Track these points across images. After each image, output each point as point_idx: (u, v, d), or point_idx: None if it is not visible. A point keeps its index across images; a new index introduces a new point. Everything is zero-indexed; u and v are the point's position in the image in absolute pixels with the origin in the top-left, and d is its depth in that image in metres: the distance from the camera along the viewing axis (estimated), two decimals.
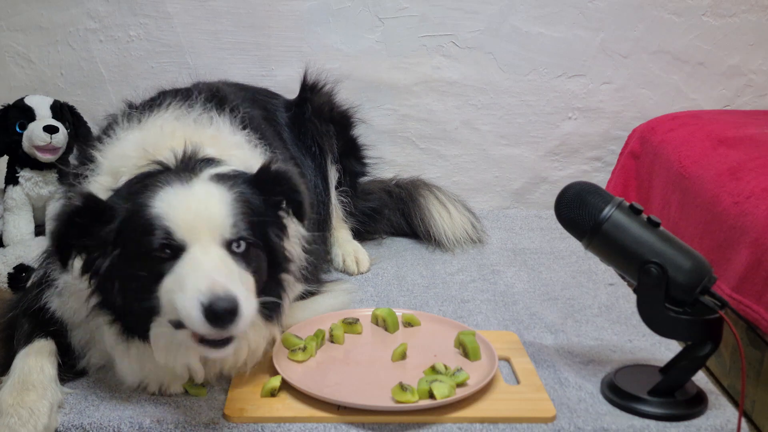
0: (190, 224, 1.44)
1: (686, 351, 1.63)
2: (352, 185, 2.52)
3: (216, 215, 1.47)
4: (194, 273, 1.40)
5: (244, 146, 1.82)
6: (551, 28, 3.05)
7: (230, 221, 1.47)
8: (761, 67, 3.14)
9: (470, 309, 2.12)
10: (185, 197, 1.48)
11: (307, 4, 2.98)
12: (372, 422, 1.55)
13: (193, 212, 1.45)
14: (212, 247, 1.45)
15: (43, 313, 1.74)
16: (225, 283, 1.38)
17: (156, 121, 1.79)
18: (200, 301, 1.36)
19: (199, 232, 1.45)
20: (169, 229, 1.44)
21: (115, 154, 1.69)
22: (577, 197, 1.65)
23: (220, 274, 1.41)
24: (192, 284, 1.39)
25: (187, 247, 1.44)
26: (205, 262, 1.42)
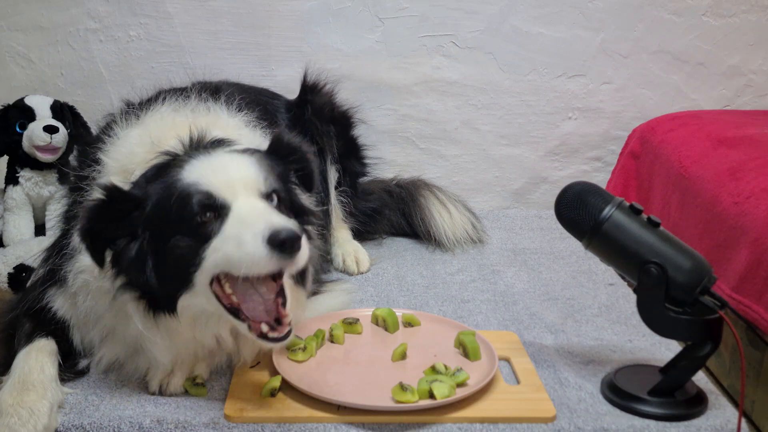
0: (227, 183, 1.48)
1: (686, 351, 1.63)
2: (352, 185, 2.52)
3: (249, 172, 1.52)
4: (247, 220, 1.45)
5: (244, 128, 1.85)
6: (551, 28, 3.05)
7: (262, 176, 1.52)
8: (761, 67, 3.14)
9: (470, 309, 2.12)
10: (215, 163, 1.52)
11: (307, 4, 2.98)
12: (372, 422, 1.55)
13: (227, 173, 1.50)
14: (252, 200, 1.49)
15: (44, 313, 1.74)
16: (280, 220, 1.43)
17: (154, 115, 1.80)
18: (263, 236, 1.40)
19: (237, 189, 1.48)
20: (209, 192, 1.47)
21: (121, 153, 1.70)
22: (577, 197, 1.66)
23: (271, 214, 1.46)
24: (249, 228, 1.42)
25: (230, 204, 1.48)
26: (254, 209, 1.47)
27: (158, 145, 1.64)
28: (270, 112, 2.39)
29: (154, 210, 1.51)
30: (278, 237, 1.39)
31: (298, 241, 1.40)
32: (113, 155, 1.71)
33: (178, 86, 2.10)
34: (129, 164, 1.66)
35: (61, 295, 1.75)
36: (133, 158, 1.66)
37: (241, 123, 1.87)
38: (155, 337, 1.59)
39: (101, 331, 1.70)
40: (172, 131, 1.69)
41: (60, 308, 1.75)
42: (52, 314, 1.75)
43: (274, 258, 1.40)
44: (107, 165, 1.70)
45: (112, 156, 1.71)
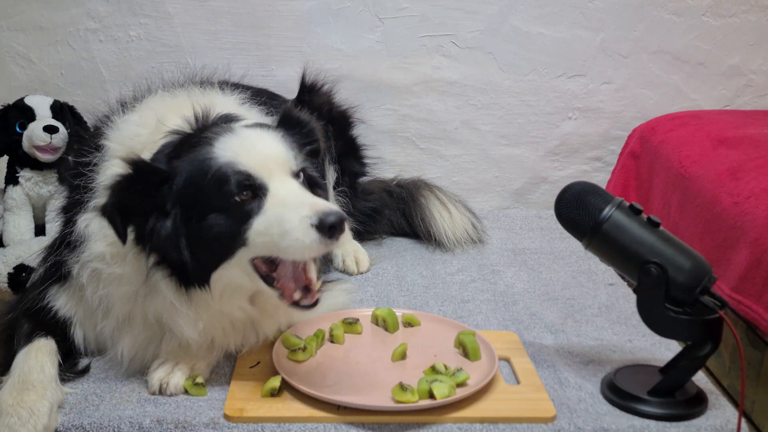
0: (262, 163, 1.50)
1: (686, 351, 1.63)
2: (351, 185, 2.52)
3: (280, 152, 1.54)
4: (290, 204, 1.48)
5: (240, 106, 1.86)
6: (551, 28, 3.05)
7: (291, 154, 1.55)
8: (761, 67, 3.14)
9: (470, 309, 2.12)
10: (246, 141, 1.52)
11: (307, 4, 2.98)
12: (372, 422, 1.55)
13: (261, 152, 1.51)
14: (288, 180, 1.52)
15: (44, 313, 1.74)
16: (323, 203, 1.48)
17: (151, 100, 1.82)
18: (311, 223, 1.44)
19: (272, 169, 1.51)
20: (247, 172, 1.49)
21: (124, 136, 1.70)
22: (577, 197, 1.66)
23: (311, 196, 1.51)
24: (295, 212, 1.46)
25: (267, 185, 1.50)
26: (293, 191, 1.50)
27: (162, 125, 1.64)
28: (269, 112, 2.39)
29: (186, 187, 1.51)
30: (327, 222, 1.43)
31: (342, 222, 1.44)
32: (115, 139, 1.71)
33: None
34: (134, 146, 1.65)
35: (64, 292, 1.75)
36: (138, 139, 1.67)
37: (236, 102, 1.88)
38: (185, 310, 1.60)
39: (115, 320, 1.70)
40: (172, 112, 1.69)
41: (62, 307, 1.75)
42: (53, 314, 1.75)
43: (323, 243, 1.45)
44: (110, 149, 1.70)
45: (115, 140, 1.71)
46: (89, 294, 1.68)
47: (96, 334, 1.76)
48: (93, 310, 1.72)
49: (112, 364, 1.76)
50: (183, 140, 1.59)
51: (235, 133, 1.56)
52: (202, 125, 1.63)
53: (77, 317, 1.75)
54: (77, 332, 1.76)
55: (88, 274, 1.67)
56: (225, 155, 1.51)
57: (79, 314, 1.75)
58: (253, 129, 1.60)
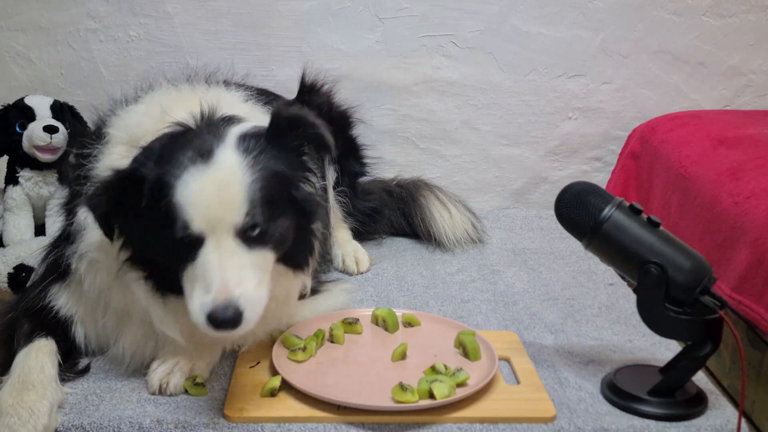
0: (205, 218, 1.47)
1: (686, 351, 1.63)
2: (351, 185, 2.52)
3: (231, 206, 1.48)
4: (202, 277, 1.46)
5: (244, 103, 1.85)
6: (551, 28, 3.05)
7: (245, 209, 1.49)
8: (761, 67, 3.14)
9: (470, 309, 2.12)
10: (204, 185, 1.48)
11: (307, 4, 2.98)
12: (372, 422, 1.55)
13: (208, 205, 1.47)
14: (225, 240, 1.48)
15: (45, 313, 1.74)
16: (229, 291, 1.43)
17: (155, 95, 1.81)
18: (203, 311, 1.43)
19: (215, 225, 1.47)
20: (187, 224, 1.47)
21: (128, 125, 1.70)
22: (577, 197, 1.65)
23: (228, 278, 1.45)
24: (198, 290, 1.46)
25: (205, 239, 1.48)
26: (214, 265, 1.46)
27: (167, 115, 1.64)
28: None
29: (148, 200, 1.51)
30: (215, 317, 1.42)
31: (234, 323, 1.43)
32: (119, 127, 1.71)
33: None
34: (137, 134, 1.65)
35: (64, 290, 1.75)
36: (142, 128, 1.66)
37: (240, 98, 1.87)
38: (160, 314, 1.62)
39: (115, 315, 1.71)
40: (178, 104, 1.69)
41: (63, 306, 1.75)
42: (54, 314, 1.75)
43: (211, 330, 1.45)
44: (113, 136, 1.70)
45: (118, 128, 1.71)
46: (87, 286, 1.69)
47: (97, 332, 1.76)
48: (94, 306, 1.72)
49: (112, 363, 1.76)
50: (179, 135, 1.58)
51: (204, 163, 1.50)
52: (207, 122, 1.62)
53: (78, 315, 1.75)
54: (78, 331, 1.76)
55: (85, 265, 1.67)
56: (180, 192, 1.47)
57: (80, 312, 1.75)
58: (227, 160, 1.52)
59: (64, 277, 1.75)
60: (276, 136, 1.59)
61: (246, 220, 1.49)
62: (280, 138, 1.59)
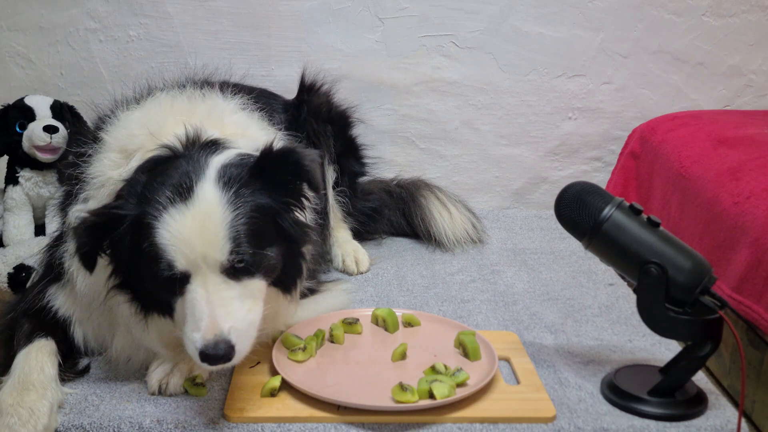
0: (188, 258, 1.48)
1: (686, 351, 1.63)
2: (350, 185, 2.52)
3: (214, 245, 1.49)
4: (191, 314, 1.49)
5: (240, 112, 1.85)
6: (551, 28, 3.05)
7: (228, 247, 1.49)
8: (761, 67, 3.14)
9: (470, 309, 2.12)
10: (185, 225, 1.48)
11: (307, 4, 2.98)
12: (372, 422, 1.55)
13: (191, 246, 1.48)
14: (210, 277, 1.50)
15: (44, 313, 1.74)
16: (218, 326, 1.46)
17: (154, 101, 1.82)
18: (195, 347, 1.46)
19: (199, 263, 1.49)
20: (171, 263, 1.48)
21: (122, 134, 1.72)
22: (577, 197, 1.65)
23: (215, 314, 1.47)
24: (189, 326, 1.48)
25: (191, 275, 1.50)
26: (201, 302, 1.48)
27: (158, 133, 1.65)
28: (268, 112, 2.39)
29: (130, 238, 1.52)
30: (207, 356, 1.45)
31: (226, 358, 1.46)
32: (113, 134, 1.72)
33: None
34: (128, 146, 1.67)
35: (62, 290, 1.76)
36: (133, 140, 1.68)
37: (236, 107, 1.87)
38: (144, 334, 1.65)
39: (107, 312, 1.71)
40: (171, 117, 1.70)
41: (61, 306, 1.75)
42: (53, 314, 1.75)
43: (206, 366, 1.48)
44: (107, 142, 1.71)
45: (113, 135, 1.72)
46: (80, 286, 1.69)
47: (94, 332, 1.77)
48: (88, 306, 1.72)
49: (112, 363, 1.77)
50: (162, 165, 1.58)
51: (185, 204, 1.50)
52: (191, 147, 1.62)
53: (76, 316, 1.76)
54: (77, 331, 1.76)
55: (76, 265, 1.68)
56: (162, 234, 1.48)
57: (78, 312, 1.76)
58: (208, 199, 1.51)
59: (60, 278, 1.75)
60: (262, 170, 1.57)
61: (231, 257, 1.50)
62: (267, 173, 1.58)
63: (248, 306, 1.53)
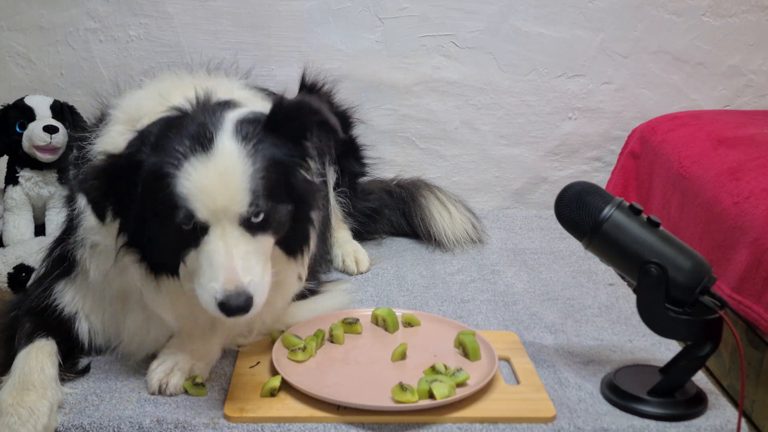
0: (210, 208, 1.48)
1: (686, 351, 1.63)
2: (351, 186, 2.52)
3: (236, 197, 1.49)
4: (210, 266, 1.48)
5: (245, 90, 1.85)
6: (551, 28, 3.05)
7: (249, 199, 1.50)
8: (761, 67, 3.14)
9: (470, 309, 2.12)
10: (207, 176, 1.48)
11: (307, 4, 2.98)
12: (372, 422, 1.55)
13: (212, 196, 1.48)
14: (230, 229, 1.50)
15: (48, 312, 1.75)
16: (239, 278, 1.47)
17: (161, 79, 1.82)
18: (215, 297, 1.46)
19: (219, 215, 1.49)
20: (192, 213, 1.48)
21: (129, 106, 1.72)
22: (577, 197, 1.65)
23: (236, 266, 1.48)
24: (207, 277, 1.48)
25: (210, 227, 1.49)
26: (221, 253, 1.48)
27: (166, 100, 1.64)
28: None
29: (145, 187, 1.51)
30: (228, 305, 1.46)
31: (245, 309, 1.47)
32: (119, 108, 1.73)
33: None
34: (136, 114, 1.66)
35: (70, 285, 1.76)
36: (141, 109, 1.67)
37: (241, 85, 1.87)
38: (155, 298, 1.64)
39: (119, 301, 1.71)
40: (178, 90, 1.70)
41: (69, 303, 1.75)
42: (57, 313, 1.75)
43: (222, 316, 1.49)
44: (113, 116, 1.71)
45: (118, 108, 1.73)
46: (92, 273, 1.69)
47: (103, 323, 1.76)
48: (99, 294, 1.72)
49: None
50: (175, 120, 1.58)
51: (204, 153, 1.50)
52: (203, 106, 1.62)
53: (84, 310, 1.76)
54: (83, 326, 1.76)
55: (87, 251, 1.68)
56: (181, 184, 1.48)
57: (87, 305, 1.75)
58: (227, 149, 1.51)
59: (70, 271, 1.75)
60: (276, 124, 1.59)
61: (250, 209, 1.51)
62: (280, 126, 1.59)
63: (262, 264, 1.53)
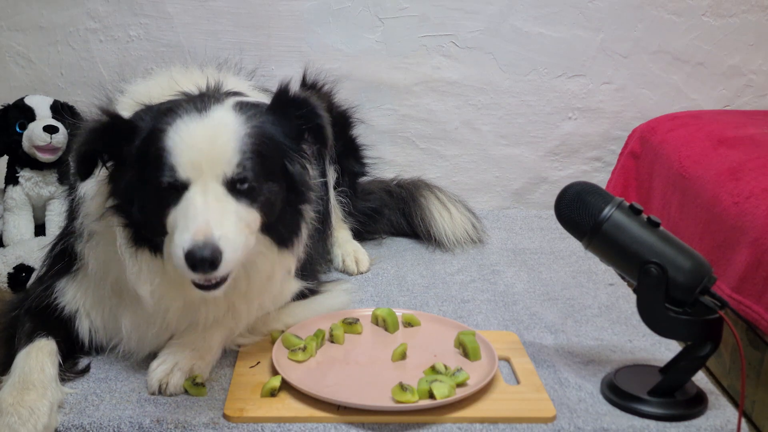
0: (194, 162, 1.47)
1: (686, 351, 1.63)
2: (351, 185, 2.52)
3: (221, 153, 1.48)
4: (184, 218, 1.45)
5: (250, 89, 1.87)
6: (551, 28, 3.05)
7: (236, 160, 1.49)
8: (761, 67, 3.14)
9: (470, 309, 2.12)
10: (196, 131, 1.49)
11: (307, 4, 2.98)
12: (372, 422, 1.55)
13: (198, 150, 1.47)
14: (212, 186, 1.48)
15: (49, 311, 1.75)
16: (210, 230, 1.41)
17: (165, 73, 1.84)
18: (183, 248, 1.41)
19: (202, 170, 1.47)
20: (174, 167, 1.47)
21: (137, 92, 1.73)
22: (577, 197, 1.66)
23: (209, 219, 1.43)
24: (180, 230, 1.44)
25: (190, 185, 1.48)
26: (197, 206, 1.45)
27: (177, 85, 1.66)
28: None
29: (139, 148, 1.52)
30: (193, 256, 1.39)
31: (214, 263, 1.40)
32: (127, 93, 1.75)
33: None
34: (143, 99, 1.67)
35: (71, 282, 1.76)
36: (149, 94, 1.68)
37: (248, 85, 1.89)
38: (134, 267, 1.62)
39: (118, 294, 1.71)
40: (188, 80, 1.72)
41: (69, 301, 1.75)
42: (58, 312, 1.75)
43: (189, 272, 1.43)
44: (120, 102, 1.72)
45: (126, 93, 1.75)
46: (92, 265, 1.69)
47: (104, 319, 1.76)
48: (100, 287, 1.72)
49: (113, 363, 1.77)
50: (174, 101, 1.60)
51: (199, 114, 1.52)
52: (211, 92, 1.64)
53: (85, 308, 1.76)
54: (83, 324, 1.76)
55: (86, 241, 1.69)
56: (171, 138, 1.48)
57: (87, 302, 1.75)
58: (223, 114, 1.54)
59: (70, 267, 1.75)
60: (279, 106, 1.60)
61: (236, 170, 1.49)
62: (282, 113, 1.60)
63: (241, 227, 1.49)
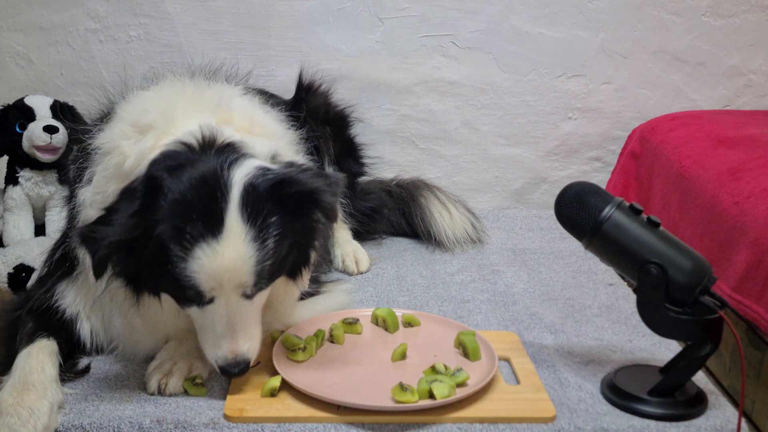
0: (215, 288, 1.53)
1: (686, 351, 1.63)
2: (350, 185, 2.51)
3: (242, 279, 1.54)
4: (213, 331, 1.57)
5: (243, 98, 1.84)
6: (551, 28, 3.05)
7: (253, 279, 1.55)
8: (761, 67, 3.14)
9: (470, 309, 2.12)
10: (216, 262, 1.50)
11: (307, 4, 2.98)
12: (372, 422, 1.55)
13: (220, 279, 1.52)
14: (233, 299, 1.56)
15: (50, 312, 1.74)
16: (238, 347, 1.57)
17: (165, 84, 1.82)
18: (216, 362, 1.58)
19: (224, 289, 1.53)
20: (199, 290, 1.52)
21: (135, 109, 1.71)
22: (577, 197, 1.65)
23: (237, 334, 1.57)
24: (211, 345, 1.58)
25: (214, 299, 1.55)
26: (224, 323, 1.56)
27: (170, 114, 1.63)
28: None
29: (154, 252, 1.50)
30: (228, 371, 1.58)
31: (243, 372, 1.60)
32: (125, 108, 1.73)
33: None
34: (140, 120, 1.65)
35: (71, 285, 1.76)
36: (146, 116, 1.66)
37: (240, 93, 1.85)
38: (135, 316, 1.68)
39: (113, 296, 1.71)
40: (181, 100, 1.70)
41: (70, 304, 1.75)
42: (59, 314, 1.75)
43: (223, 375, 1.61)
44: (118, 115, 1.71)
45: (125, 109, 1.73)
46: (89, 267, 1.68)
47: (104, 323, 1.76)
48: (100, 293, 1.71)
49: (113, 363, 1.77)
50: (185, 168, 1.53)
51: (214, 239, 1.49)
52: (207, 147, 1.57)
53: (85, 311, 1.76)
54: (84, 327, 1.76)
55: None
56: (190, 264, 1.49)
57: (88, 306, 1.75)
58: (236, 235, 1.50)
59: (71, 271, 1.75)
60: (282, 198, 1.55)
61: (253, 283, 1.56)
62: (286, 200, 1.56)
63: (258, 317, 1.62)
